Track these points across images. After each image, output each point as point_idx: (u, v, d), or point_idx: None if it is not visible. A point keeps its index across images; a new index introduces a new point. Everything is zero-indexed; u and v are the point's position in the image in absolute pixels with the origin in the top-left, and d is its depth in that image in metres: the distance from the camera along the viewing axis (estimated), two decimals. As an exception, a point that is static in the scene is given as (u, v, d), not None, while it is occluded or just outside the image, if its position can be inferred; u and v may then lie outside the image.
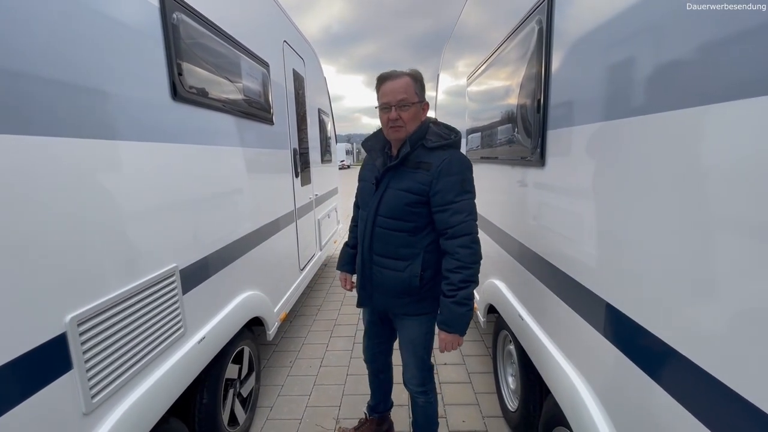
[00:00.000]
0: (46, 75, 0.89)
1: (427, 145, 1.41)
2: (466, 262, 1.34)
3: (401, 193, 1.41)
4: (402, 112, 1.37)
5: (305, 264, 3.26)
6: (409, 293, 1.46)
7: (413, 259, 1.43)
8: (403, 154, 1.40)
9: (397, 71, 1.41)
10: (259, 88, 2.23)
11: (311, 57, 3.83)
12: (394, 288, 1.48)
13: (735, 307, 0.68)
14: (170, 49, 1.36)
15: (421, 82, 1.43)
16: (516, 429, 1.92)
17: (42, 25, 0.89)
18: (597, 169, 1.11)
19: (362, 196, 1.59)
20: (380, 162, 1.50)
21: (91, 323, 1.00)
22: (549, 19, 1.36)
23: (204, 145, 1.60)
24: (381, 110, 1.42)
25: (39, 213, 0.87)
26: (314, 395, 2.34)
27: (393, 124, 1.39)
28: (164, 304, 1.31)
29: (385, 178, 1.46)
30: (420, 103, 1.42)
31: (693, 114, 0.75)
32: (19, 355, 0.81)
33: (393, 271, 1.46)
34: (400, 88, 1.37)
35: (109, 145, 1.08)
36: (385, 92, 1.39)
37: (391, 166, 1.44)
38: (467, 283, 1.34)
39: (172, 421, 1.42)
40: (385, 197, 1.44)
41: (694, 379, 0.75)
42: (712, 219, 0.72)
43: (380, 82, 1.42)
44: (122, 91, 1.14)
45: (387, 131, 1.44)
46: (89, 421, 0.99)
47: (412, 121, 1.40)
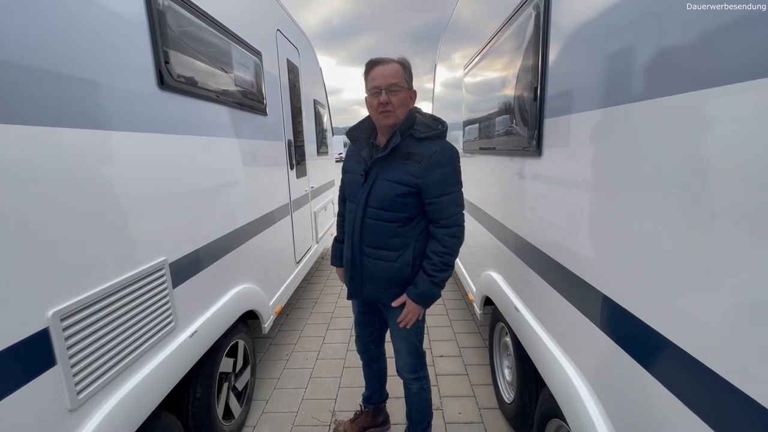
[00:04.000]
0: (20, 62, 0.85)
1: (416, 136, 1.39)
2: (452, 249, 1.41)
3: (392, 184, 1.39)
4: (392, 97, 1.36)
5: (301, 257, 3.24)
6: (400, 283, 1.47)
7: (404, 249, 1.44)
8: (393, 145, 1.38)
9: (386, 57, 1.39)
10: (251, 78, 2.18)
11: (306, 47, 3.76)
12: (386, 278, 1.47)
13: (732, 298, 0.66)
14: (156, 36, 1.32)
15: (409, 69, 1.41)
16: (512, 421, 1.92)
17: (14, 9, 0.84)
18: (594, 157, 1.08)
19: (349, 188, 1.55)
20: (366, 153, 1.49)
21: (76, 318, 0.97)
22: (546, 5, 1.33)
23: (194, 135, 1.56)
24: (371, 95, 1.40)
25: (18, 204, 0.84)
26: (310, 388, 2.34)
27: (383, 108, 1.37)
28: (153, 298, 1.28)
29: (374, 169, 1.43)
30: (409, 90, 1.41)
31: (690, 99, 0.72)
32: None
33: (384, 262, 1.46)
34: (391, 73, 1.36)
35: (91, 135, 1.05)
36: (375, 76, 1.37)
37: (379, 157, 1.42)
38: (448, 267, 1.42)
39: (165, 415, 1.40)
40: (374, 189, 1.42)
41: (690, 370, 0.74)
42: (709, 208, 0.70)
43: (370, 67, 1.40)
44: (104, 78, 1.10)
45: (376, 117, 1.42)
46: (75, 418, 0.97)
47: (401, 107, 1.39)
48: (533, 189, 1.55)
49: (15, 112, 0.84)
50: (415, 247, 1.44)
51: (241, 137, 2.02)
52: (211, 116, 1.72)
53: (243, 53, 2.06)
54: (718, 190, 0.68)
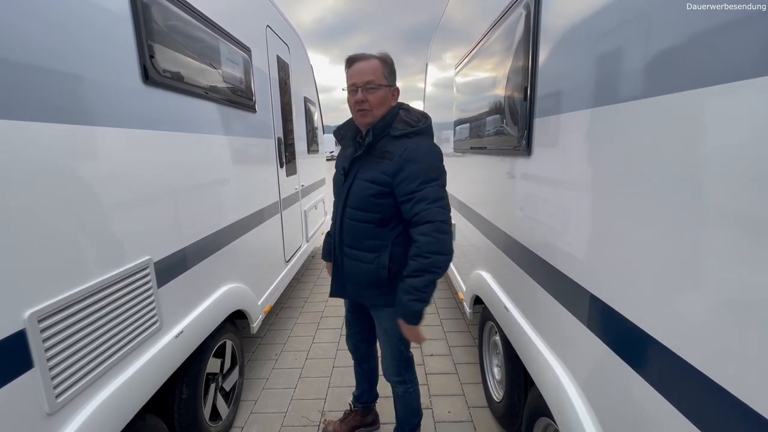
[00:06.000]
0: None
1: (393, 134, 1.36)
2: (423, 251, 1.25)
3: (365, 184, 1.37)
4: (368, 95, 1.33)
5: (291, 256, 3.20)
6: (378, 285, 1.43)
7: (381, 251, 1.40)
8: (366, 143, 1.36)
9: (366, 53, 1.36)
10: (240, 74, 2.14)
11: (297, 44, 3.72)
12: (364, 279, 1.45)
13: (719, 298, 0.67)
14: (140, 30, 1.28)
15: (390, 65, 1.38)
16: (501, 419, 1.93)
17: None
18: (583, 157, 1.08)
19: (335, 186, 1.55)
20: (350, 151, 1.47)
21: (54, 319, 0.94)
22: (537, 4, 1.33)
23: (180, 132, 1.53)
24: (349, 92, 1.37)
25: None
26: (300, 388, 2.32)
27: (359, 107, 1.34)
28: (137, 298, 1.25)
29: (353, 168, 1.42)
30: (389, 87, 1.37)
31: (680, 99, 0.73)
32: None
33: (362, 264, 1.43)
34: (368, 70, 1.32)
35: (72, 130, 1.01)
36: (353, 73, 1.34)
37: (356, 156, 1.40)
38: (421, 273, 1.25)
39: (149, 417, 1.37)
40: (352, 188, 1.41)
41: (678, 371, 0.74)
42: (698, 208, 0.70)
43: (349, 63, 1.37)
44: (86, 72, 1.07)
45: (354, 115, 1.40)
46: (53, 422, 0.94)
47: (379, 106, 1.35)
48: (523, 188, 1.56)
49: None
50: (393, 251, 1.39)
51: (230, 134, 1.99)
52: (198, 113, 1.68)
53: (231, 49, 2.03)
54: (708, 190, 0.68)
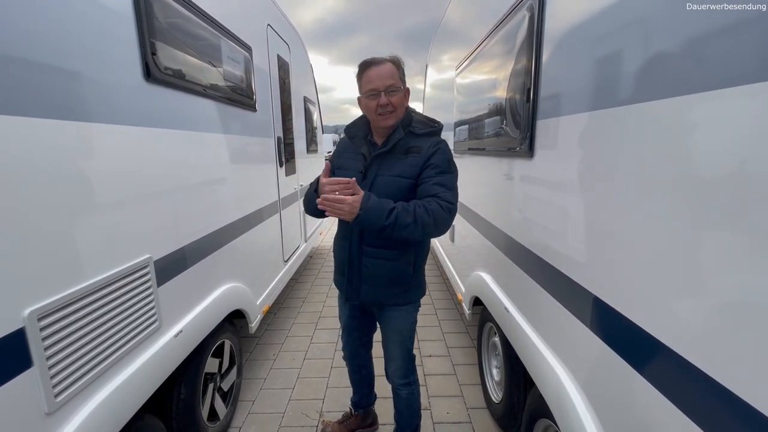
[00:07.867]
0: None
1: (416, 132, 1.41)
2: (428, 209, 1.24)
3: (395, 179, 1.37)
4: (391, 98, 1.34)
5: (289, 256, 3.19)
6: (402, 282, 1.46)
7: (408, 247, 1.43)
8: (395, 140, 1.38)
9: (378, 58, 1.37)
10: (240, 73, 2.14)
11: (297, 43, 3.72)
12: (387, 278, 1.45)
13: (721, 300, 0.67)
14: (142, 27, 1.27)
15: (402, 68, 1.40)
16: (500, 420, 1.93)
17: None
18: (586, 160, 1.09)
19: None
20: (366, 150, 1.46)
21: (54, 318, 0.93)
22: (540, 6, 1.33)
23: (180, 130, 1.52)
24: (367, 97, 1.36)
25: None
26: (298, 388, 2.31)
27: (383, 110, 1.35)
28: (137, 297, 1.24)
29: (373, 166, 1.41)
30: (404, 88, 1.40)
31: (681, 103, 0.73)
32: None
33: (386, 261, 1.43)
34: (386, 74, 1.34)
35: (73, 127, 1.00)
36: (371, 78, 1.34)
37: (379, 153, 1.40)
38: (410, 214, 1.23)
39: (147, 417, 1.36)
40: (376, 185, 1.38)
41: (680, 371, 0.74)
42: (699, 210, 0.70)
43: (363, 68, 1.37)
44: (88, 69, 1.06)
45: (375, 119, 1.39)
46: (52, 421, 0.93)
47: (401, 107, 1.39)
48: (525, 190, 1.56)
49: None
50: (416, 245, 1.44)
51: (230, 133, 1.98)
52: (199, 111, 1.67)
53: (232, 47, 2.02)
54: (710, 192, 0.68)
